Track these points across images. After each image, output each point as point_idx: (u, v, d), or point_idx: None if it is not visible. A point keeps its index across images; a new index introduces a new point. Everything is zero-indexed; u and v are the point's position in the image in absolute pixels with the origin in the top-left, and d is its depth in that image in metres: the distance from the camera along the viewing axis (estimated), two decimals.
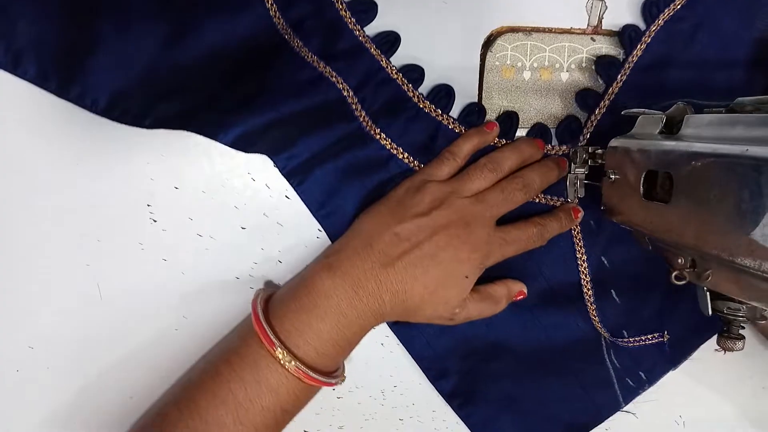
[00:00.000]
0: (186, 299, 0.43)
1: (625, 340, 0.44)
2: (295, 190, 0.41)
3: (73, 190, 0.41)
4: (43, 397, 0.43)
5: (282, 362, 0.35)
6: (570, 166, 0.42)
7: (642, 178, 0.34)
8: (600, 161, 0.40)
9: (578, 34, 0.43)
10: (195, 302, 0.43)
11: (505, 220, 0.41)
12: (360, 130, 0.41)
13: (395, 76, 0.41)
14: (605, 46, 0.43)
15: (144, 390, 0.43)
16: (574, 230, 0.43)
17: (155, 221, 0.42)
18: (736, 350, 0.37)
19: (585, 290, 0.43)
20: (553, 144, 0.43)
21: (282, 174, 0.41)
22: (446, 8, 0.42)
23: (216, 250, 0.42)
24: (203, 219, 0.42)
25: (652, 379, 0.45)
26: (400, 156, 0.42)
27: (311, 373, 0.36)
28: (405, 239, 0.37)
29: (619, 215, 0.37)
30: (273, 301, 0.39)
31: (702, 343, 0.45)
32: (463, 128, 0.42)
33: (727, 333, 0.37)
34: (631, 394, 0.45)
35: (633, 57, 0.42)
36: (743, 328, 0.36)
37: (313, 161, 0.40)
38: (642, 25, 0.42)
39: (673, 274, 0.34)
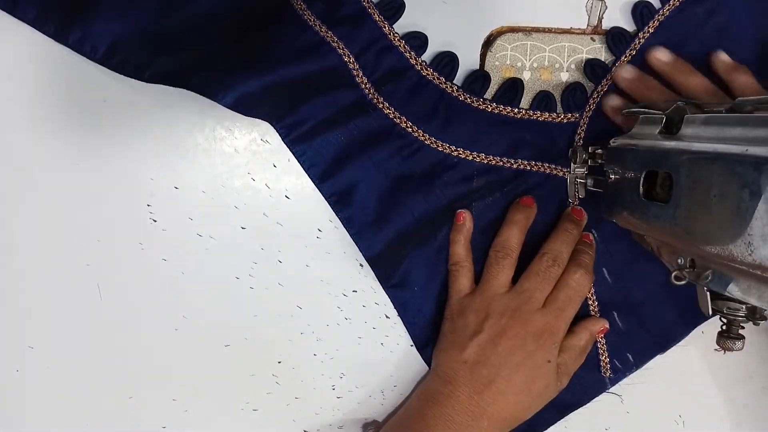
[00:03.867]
0: (186, 299, 0.43)
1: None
2: (297, 160, 0.41)
3: (73, 190, 0.41)
4: (43, 397, 0.43)
5: None
6: (570, 166, 0.42)
7: (642, 178, 0.34)
8: (600, 161, 0.40)
9: (578, 34, 0.43)
10: (195, 302, 0.43)
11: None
12: (362, 98, 0.40)
13: (398, 44, 0.41)
14: (605, 46, 0.43)
15: (144, 390, 0.43)
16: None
17: (155, 221, 0.42)
18: (736, 350, 0.37)
19: None
20: (558, 112, 0.43)
21: (284, 142, 0.40)
22: (446, 8, 0.42)
23: (216, 250, 0.42)
24: (203, 219, 0.42)
25: (639, 362, 0.44)
26: (403, 125, 0.41)
27: None
28: (475, 362, 0.38)
29: (619, 215, 0.37)
30: None
31: (691, 330, 0.44)
32: (467, 96, 0.41)
33: (727, 333, 0.37)
34: (617, 377, 0.45)
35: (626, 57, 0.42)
36: (743, 328, 0.36)
37: (316, 130, 0.40)
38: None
39: (673, 274, 0.34)
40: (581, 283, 0.40)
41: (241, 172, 0.42)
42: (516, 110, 0.42)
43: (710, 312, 0.35)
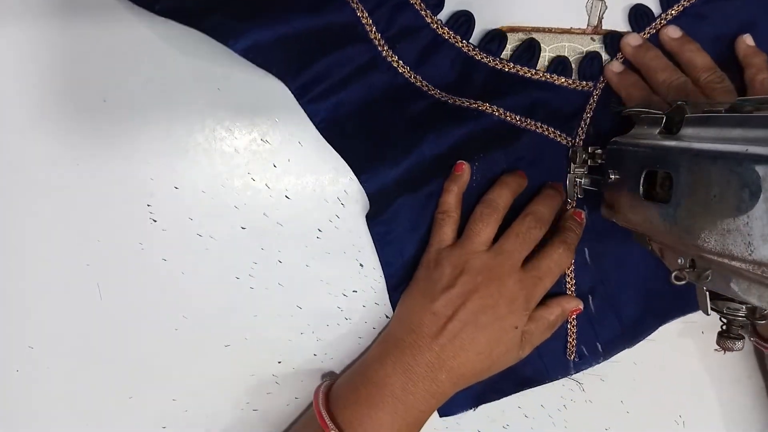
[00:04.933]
0: (186, 299, 0.43)
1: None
2: (311, 119, 0.40)
3: (73, 190, 0.41)
4: (43, 397, 0.43)
5: None
6: (570, 165, 0.42)
7: (642, 178, 0.34)
8: (600, 161, 0.40)
9: (578, 34, 0.43)
10: (195, 302, 0.43)
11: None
12: (377, 56, 0.40)
13: (413, 1, 0.40)
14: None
15: (144, 390, 0.43)
16: None
17: (155, 221, 0.42)
18: (736, 350, 0.37)
19: None
20: (573, 78, 0.43)
21: (299, 103, 0.40)
22: (446, 8, 0.42)
23: (216, 250, 0.42)
24: (203, 219, 0.42)
25: (607, 352, 0.44)
26: (418, 84, 0.41)
27: None
28: (443, 315, 0.38)
29: (619, 215, 0.37)
30: (334, 392, 0.39)
31: (659, 326, 0.44)
32: (483, 55, 0.41)
33: (726, 333, 0.37)
34: (582, 363, 0.44)
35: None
36: (743, 328, 0.36)
37: (330, 90, 0.40)
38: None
39: (673, 274, 0.34)
40: (562, 259, 0.40)
41: (241, 172, 0.42)
42: (533, 71, 0.42)
43: (710, 312, 0.35)
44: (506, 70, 0.42)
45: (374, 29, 0.40)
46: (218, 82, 0.41)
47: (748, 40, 0.41)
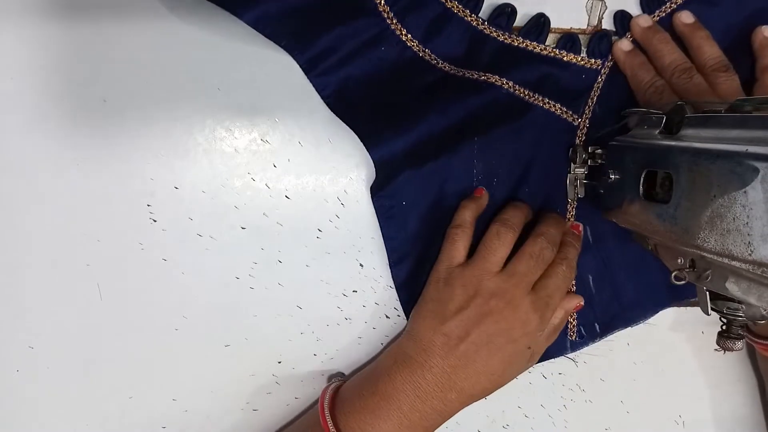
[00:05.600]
0: (186, 299, 0.43)
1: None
2: (319, 93, 0.40)
3: (73, 190, 0.41)
4: (43, 397, 0.43)
5: None
6: (570, 165, 0.42)
7: (642, 178, 0.34)
8: (600, 161, 0.40)
9: (578, 33, 0.43)
10: (195, 302, 0.43)
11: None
12: (385, 29, 0.40)
13: None
14: None
15: (144, 390, 0.43)
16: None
17: (155, 221, 0.42)
18: (736, 350, 0.37)
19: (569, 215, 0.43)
20: (582, 56, 0.42)
21: (307, 77, 0.40)
22: None
23: (216, 250, 0.42)
24: (203, 219, 0.42)
25: (604, 332, 0.44)
26: (427, 57, 0.41)
27: None
28: (455, 337, 0.38)
29: (619, 215, 0.37)
30: (340, 396, 0.39)
31: (659, 311, 0.44)
32: (492, 29, 0.41)
33: (726, 333, 0.37)
34: (580, 343, 0.44)
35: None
36: (743, 328, 0.36)
37: (338, 64, 0.40)
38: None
39: (673, 274, 0.34)
40: (567, 275, 0.40)
41: (241, 172, 0.42)
42: (542, 46, 0.42)
43: (710, 312, 0.35)
44: (515, 44, 0.42)
45: (383, 2, 0.40)
46: (218, 82, 0.41)
47: (766, 31, 0.41)
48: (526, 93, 0.42)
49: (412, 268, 0.42)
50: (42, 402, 0.43)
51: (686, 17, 0.41)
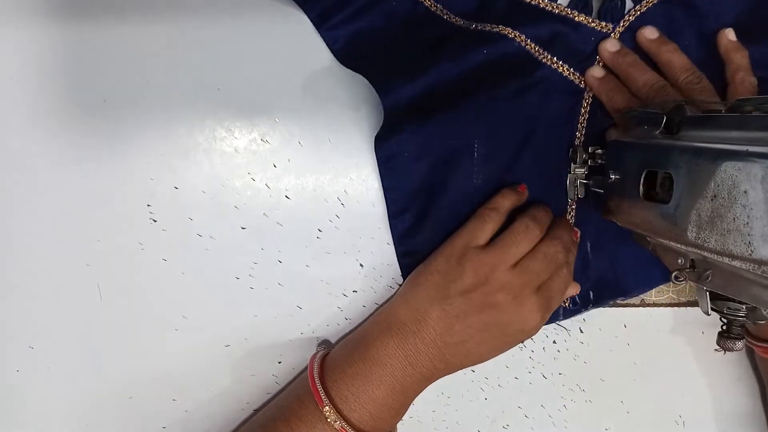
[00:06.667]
0: (186, 299, 0.43)
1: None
2: (330, 47, 0.40)
3: (73, 190, 0.41)
4: (43, 397, 0.43)
5: (333, 425, 0.36)
6: (570, 165, 0.42)
7: (642, 178, 0.34)
8: (600, 161, 0.40)
9: None
10: (195, 302, 0.43)
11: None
12: None
13: None
14: None
15: (144, 390, 0.43)
16: None
17: (155, 221, 0.42)
18: (736, 350, 0.37)
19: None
20: (593, 18, 0.42)
21: (318, 31, 0.40)
22: None
23: (216, 250, 0.42)
24: (203, 219, 0.42)
25: (597, 302, 0.44)
26: (438, 12, 0.41)
27: None
28: (454, 316, 0.38)
29: (619, 215, 0.37)
30: (329, 363, 0.39)
31: (652, 287, 0.44)
32: None
33: (726, 333, 0.37)
34: (573, 312, 0.44)
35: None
36: (743, 327, 0.36)
37: (349, 18, 0.40)
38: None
39: (673, 274, 0.34)
40: (566, 279, 0.40)
41: (241, 172, 0.42)
42: (554, 4, 0.42)
43: (710, 312, 0.35)
44: (527, 0, 0.42)
45: None
46: (218, 82, 0.41)
47: (729, 34, 0.41)
48: (536, 49, 0.41)
49: (412, 222, 0.42)
50: (42, 402, 0.43)
51: (650, 33, 0.41)
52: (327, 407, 0.37)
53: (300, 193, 0.43)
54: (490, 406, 0.47)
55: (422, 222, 0.42)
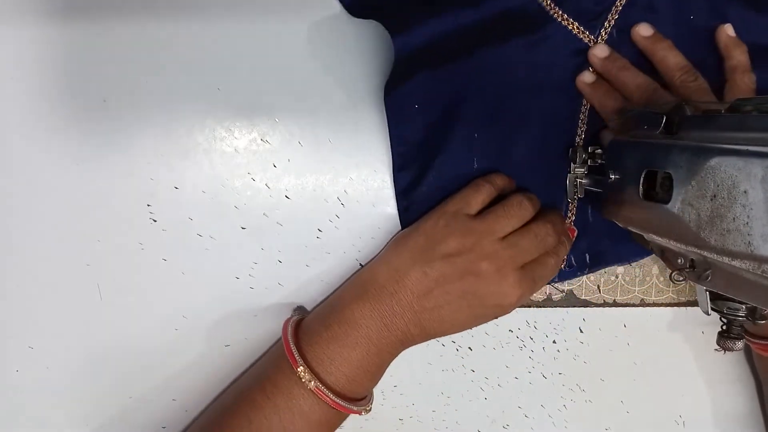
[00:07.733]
0: (186, 299, 0.43)
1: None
2: (342, 3, 0.40)
3: (73, 190, 0.41)
4: (43, 397, 0.43)
5: (308, 386, 0.36)
6: (570, 165, 0.42)
7: (642, 178, 0.34)
8: (600, 161, 0.40)
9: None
10: (195, 302, 0.43)
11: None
12: None
13: None
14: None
15: (143, 390, 0.43)
16: None
17: (155, 221, 0.42)
18: (736, 350, 0.37)
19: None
20: None
21: None
22: None
23: (216, 250, 0.42)
24: (203, 219, 0.42)
25: (593, 265, 0.44)
26: None
27: (339, 400, 0.37)
28: (433, 279, 0.37)
29: (618, 215, 0.37)
30: (304, 327, 0.39)
31: (648, 255, 0.44)
32: None
33: (726, 333, 0.37)
34: (569, 274, 0.44)
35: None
36: (743, 327, 0.36)
37: None
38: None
39: (673, 274, 0.34)
40: (553, 269, 0.41)
41: (241, 172, 0.42)
42: None
43: (710, 312, 0.35)
44: None
45: None
46: (218, 82, 0.41)
47: (728, 30, 0.41)
48: (548, 3, 0.41)
49: (414, 176, 0.42)
50: (42, 402, 0.43)
51: (644, 30, 0.41)
52: (301, 367, 0.36)
53: (300, 193, 0.43)
54: (490, 406, 0.47)
55: (425, 176, 0.42)
